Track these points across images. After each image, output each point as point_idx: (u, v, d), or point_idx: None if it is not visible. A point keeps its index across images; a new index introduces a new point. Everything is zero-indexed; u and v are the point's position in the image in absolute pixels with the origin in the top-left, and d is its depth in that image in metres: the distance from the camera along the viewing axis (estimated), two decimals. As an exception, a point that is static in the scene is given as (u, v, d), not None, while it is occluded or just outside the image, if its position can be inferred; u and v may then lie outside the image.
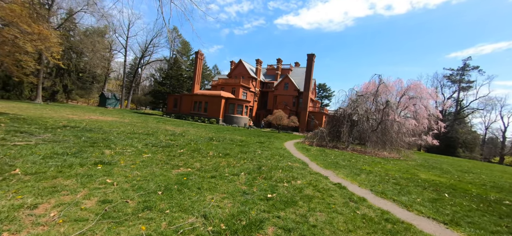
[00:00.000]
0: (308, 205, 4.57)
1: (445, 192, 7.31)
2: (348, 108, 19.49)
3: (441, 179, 10.02)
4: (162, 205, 3.78)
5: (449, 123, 47.33)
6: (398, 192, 6.58)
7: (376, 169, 10.40)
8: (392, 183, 7.67)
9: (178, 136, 13.30)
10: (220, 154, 9.06)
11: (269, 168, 7.42)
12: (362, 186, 6.80)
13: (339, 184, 6.57)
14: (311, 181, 6.52)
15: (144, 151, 7.75)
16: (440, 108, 46.02)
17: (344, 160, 11.93)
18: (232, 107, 36.39)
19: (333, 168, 9.28)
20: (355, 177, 7.97)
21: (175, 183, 4.89)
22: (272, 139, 19.24)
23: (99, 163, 5.61)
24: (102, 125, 14.32)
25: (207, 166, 6.79)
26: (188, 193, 4.44)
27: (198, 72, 43.22)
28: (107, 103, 52.04)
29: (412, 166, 13.48)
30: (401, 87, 32.20)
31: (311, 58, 41.50)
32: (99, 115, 23.56)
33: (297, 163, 9.21)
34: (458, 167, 17.08)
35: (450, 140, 45.71)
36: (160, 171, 5.73)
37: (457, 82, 50.82)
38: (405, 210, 5.17)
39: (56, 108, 25.20)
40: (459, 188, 8.38)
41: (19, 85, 41.05)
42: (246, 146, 12.62)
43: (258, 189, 5.19)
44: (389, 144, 18.08)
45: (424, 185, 8.06)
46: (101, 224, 3.03)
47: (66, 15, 41.31)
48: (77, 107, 34.34)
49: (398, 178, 8.66)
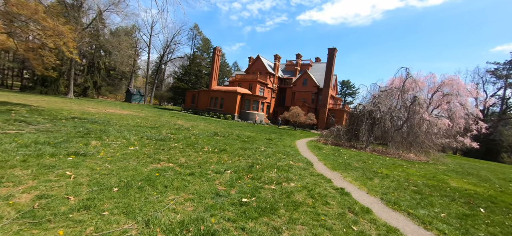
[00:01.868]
0: (290, 214, 3.70)
1: (480, 206, 5.87)
2: (368, 104, 17.72)
3: (477, 188, 8.34)
4: (105, 205, 3.20)
5: (492, 124, 41.79)
6: (417, 203, 5.35)
7: (395, 173, 9.00)
8: (412, 191, 6.39)
9: (182, 130, 13.00)
10: (216, 149, 8.44)
11: (263, 167, 6.60)
12: (371, 193, 5.68)
13: (342, 189, 5.54)
14: (307, 184, 5.58)
15: (133, 144, 7.40)
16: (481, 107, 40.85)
17: (359, 161, 10.62)
18: (248, 103, 35.82)
19: (342, 169, 8.15)
20: (365, 181, 6.81)
21: (142, 180, 4.33)
22: (285, 136, 18.25)
23: (73, 154, 5.28)
24: (113, 118, 14.58)
25: (192, 162, 6.18)
26: (148, 192, 3.83)
27: (215, 68, 43.34)
28: (132, 98, 54.84)
29: (441, 171, 11.65)
30: (434, 83, 28.89)
31: (332, 52, 39.28)
32: (120, 109, 24.50)
33: (301, 163, 8.24)
34: (501, 175, 14.56)
35: (492, 143, 40.38)
36: (136, 165, 5.23)
37: (503, 78, 44.51)
38: (422, 228, 4.03)
39: (82, 102, 26.77)
40: (501, 201, 6.77)
41: (56, 82, 44.66)
42: (251, 142, 11.88)
43: (237, 191, 4.42)
44: (415, 145, 16.06)
45: (453, 195, 6.63)
46: (14, 224, 2.51)
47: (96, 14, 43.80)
48: (102, 102, 36.39)
49: (420, 185, 7.28)
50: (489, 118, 44.05)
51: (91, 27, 43.94)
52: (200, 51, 68.37)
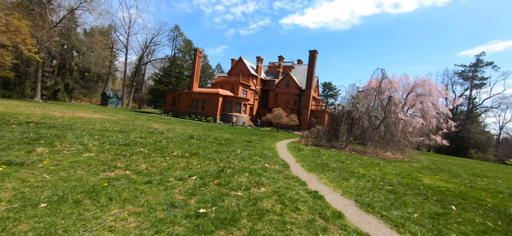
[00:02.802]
0: (252, 225, 3.28)
1: (452, 203, 5.85)
2: (347, 105, 17.94)
3: (448, 185, 8.49)
4: (21, 226, 2.58)
5: (461, 123, 44.67)
6: (391, 203, 5.18)
7: (372, 172, 8.96)
8: (386, 191, 6.26)
9: (155, 134, 12.19)
10: (186, 153, 7.85)
11: (234, 171, 6.15)
12: (346, 195, 5.44)
13: (315, 192, 5.23)
14: (279, 188, 5.21)
15: (90, 150, 6.62)
16: (451, 106, 43.54)
17: (337, 162, 10.51)
18: (230, 105, 35.21)
19: (319, 171, 7.92)
20: (341, 183, 6.60)
21: (83, 192, 3.70)
22: (266, 138, 17.92)
23: (4, 164, 4.49)
24: (79, 122, 13.39)
25: (154, 168, 5.58)
26: (85, 207, 3.23)
27: (197, 70, 42.26)
28: (109, 102, 51.83)
29: (416, 168, 11.91)
30: (408, 84, 30.23)
31: (313, 54, 39.89)
32: (91, 112, 22.84)
33: (277, 165, 7.90)
34: (469, 170, 15.31)
35: (461, 141, 43.12)
36: (83, 174, 4.56)
37: (469, 79, 47.93)
38: (394, 231, 3.80)
39: (49, 106, 24.66)
40: (471, 197, 6.87)
41: (21, 84, 41.15)
42: (228, 145, 11.38)
43: (197, 200, 3.94)
44: (392, 144, 16.46)
45: (426, 193, 6.60)
46: None
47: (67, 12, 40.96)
48: (74, 106, 33.96)
49: (395, 184, 7.22)
50: (457, 117, 47.05)
51: (61, 26, 41.08)
52: (182, 52, 66.53)
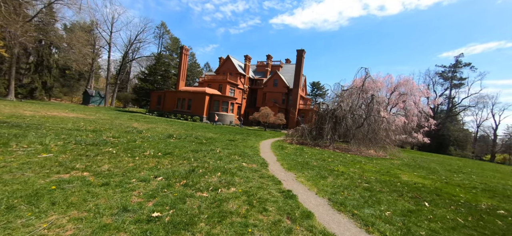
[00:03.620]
0: (210, 229, 3.02)
1: (426, 200, 5.85)
2: (331, 103, 18.04)
3: (425, 181, 8.61)
4: None
5: (441, 121, 46.48)
6: (365, 201, 5.09)
7: (352, 170, 8.93)
8: (363, 188, 6.19)
9: (132, 133, 11.65)
10: (160, 153, 7.46)
11: (206, 171, 5.86)
12: (320, 194, 5.30)
13: (288, 192, 5.04)
14: (251, 188, 4.98)
15: (50, 150, 6.11)
16: (432, 106, 45.16)
17: (319, 160, 10.44)
18: (217, 104, 34.71)
19: (298, 169, 7.77)
20: (318, 181, 6.47)
21: (22, 196, 3.30)
22: (251, 137, 17.69)
23: None
24: (50, 121, 12.58)
25: (118, 169, 5.19)
26: (18, 213, 2.85)
27: (183, 68, 41.34)
28: (91, 101, 49.79)
29: (396, 165, 12.09)
30: (391, 83, 31.02)
31: (301, 53, 40.09)
32: (67, 112, 21.71)
33: (255, 164, 7.67)
34: (447, 166, 15.80)
35: (442, 138, 44.86)
36: (31, 176, 4.12)
37: (449, 79, 50.00)
38: (364, 230, 3.67)
39: (21, 105, 23.24)
40: (445, 193, 6.95)
41: (-6, 82, 38.76)
42: (209, 144, 11.04)
43: (155, 203, 3.62)
44: (375, 141, 16.69)
45: (402, 190, 6.60)
46: None
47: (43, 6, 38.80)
48: (50, 104, 32.27)
49: (372, 181, 7.19)
50: (438, 115, 48.91)
51: (38, 20, 38.95)
52: (169, 50, 64.92)
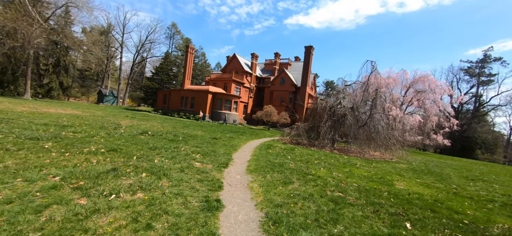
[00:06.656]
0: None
1: (411, 219, 4.38)
2: (330, 99, 16.41)
3: (426, 190, 6.96)
4: None
5: (466, 122, 42.18)
6: (316, 219, 3.77)
7: (335, 174, 7.50)
8: (328, 199, 4.84)
9: (106, 129, 11.03)
10: (103, 149, 6.58)
11: (131, 171, 4.84)
12: (260, 206, 4.07)
13: (216, 201, 3.87)
14: (168, 194, 3.87)
15: (-31, 144, 5.45)
16: (456, 104, 41.11)
17: (301, 161, 9.09)
18: (220, 102, 33.99)
19: (262, 172, 6.54)
20: (275, 188, 5.21)
21: None
22: (243, 136, 16.58)
23: None
24: (31, 116, 12.40)
25: (18, 166, 4.33)
26: None
27: (188, 67, 41.21)
28: (105, 100, 51.66)
29: (398, 170, 10.34)
30: (406, 79, 28.33)
31: (309, 50, 38.32)
32: (71, 109, 22.03)
33: (211, 165, 6.55)
34: (465, 172, 13.54)
35: (466, 140, 40.67)
36: None
37: (476, 76, 45.24)
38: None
39: (33, 103, 24.15)
40: (446, 208, 5.36)
41: (14, 82, 41.14)
42: (180, 142, 10.10)
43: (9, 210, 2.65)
44: (379, 142, 14.83)
45: (384, 203, 5.14)
46: None
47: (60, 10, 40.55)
48: (62, 103, 33.48)
49: (350, 190, 5.77)
50: (463, 115, 44.53)
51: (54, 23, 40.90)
52: (181, 51, 65.72)
